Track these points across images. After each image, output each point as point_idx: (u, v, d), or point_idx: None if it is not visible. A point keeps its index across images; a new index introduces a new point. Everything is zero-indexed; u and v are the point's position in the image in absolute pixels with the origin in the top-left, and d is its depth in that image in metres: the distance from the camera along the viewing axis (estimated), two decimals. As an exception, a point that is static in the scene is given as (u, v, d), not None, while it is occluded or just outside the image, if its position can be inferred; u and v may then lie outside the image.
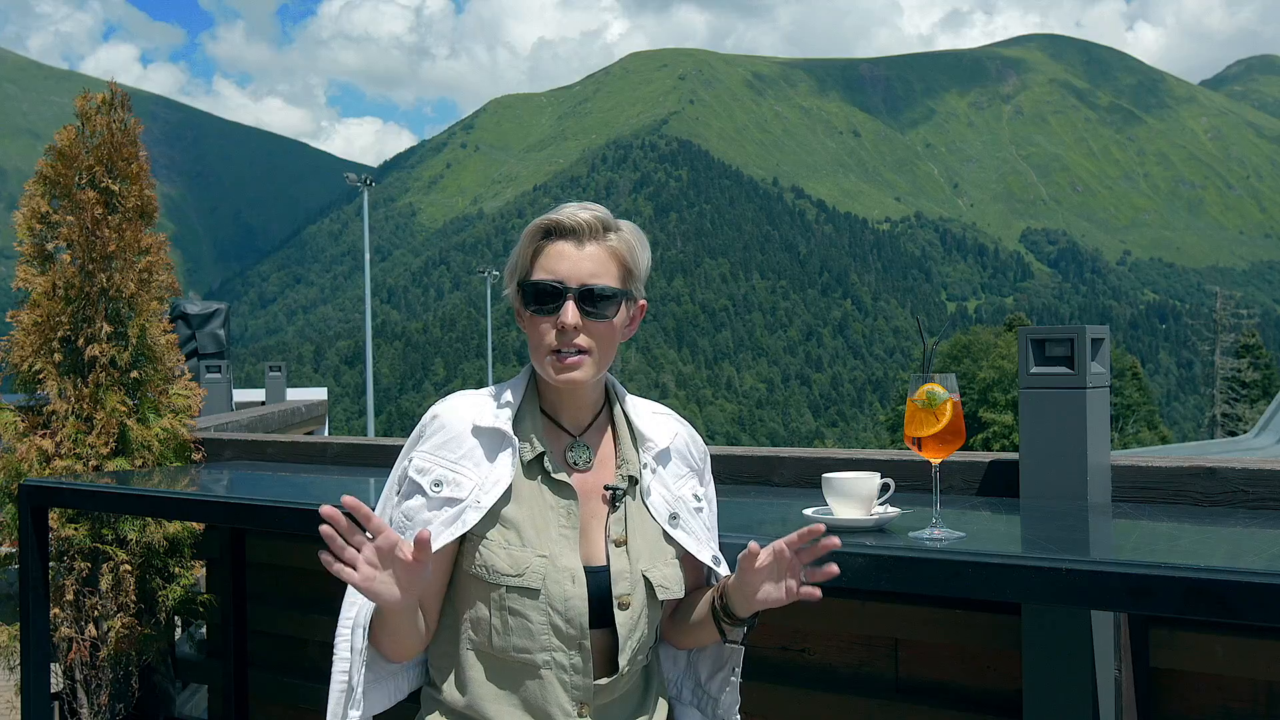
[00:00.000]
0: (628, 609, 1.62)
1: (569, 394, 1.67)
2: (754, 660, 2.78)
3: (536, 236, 1.63)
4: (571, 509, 1.63)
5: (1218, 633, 2.20)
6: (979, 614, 2.47)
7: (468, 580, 1.61)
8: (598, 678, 1.62)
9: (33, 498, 3.33)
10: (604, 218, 1.63)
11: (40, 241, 4.03)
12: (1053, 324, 13.81)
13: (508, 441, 1.63)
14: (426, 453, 1.64)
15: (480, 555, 1.60)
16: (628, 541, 1.65)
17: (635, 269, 1.66)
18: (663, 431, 1.74)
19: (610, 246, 1.63)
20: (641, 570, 1.64)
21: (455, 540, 1.60)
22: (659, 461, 1.71)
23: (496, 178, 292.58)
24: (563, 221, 1.61)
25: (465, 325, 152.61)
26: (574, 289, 1.59)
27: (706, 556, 1.69)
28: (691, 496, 1.74)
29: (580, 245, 1.61)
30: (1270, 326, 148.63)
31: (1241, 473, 2.35)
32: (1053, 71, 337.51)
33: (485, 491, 1.60)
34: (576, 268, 1.60)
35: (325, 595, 3.69)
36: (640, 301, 1.69)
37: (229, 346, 10.79)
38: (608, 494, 1.67)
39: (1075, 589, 1.69)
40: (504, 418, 1.65)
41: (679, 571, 1.68)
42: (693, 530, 1.70)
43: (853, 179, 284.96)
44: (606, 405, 1.74)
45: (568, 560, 1.60)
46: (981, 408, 48.37)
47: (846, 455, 2.81)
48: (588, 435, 1.70)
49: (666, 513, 1.68)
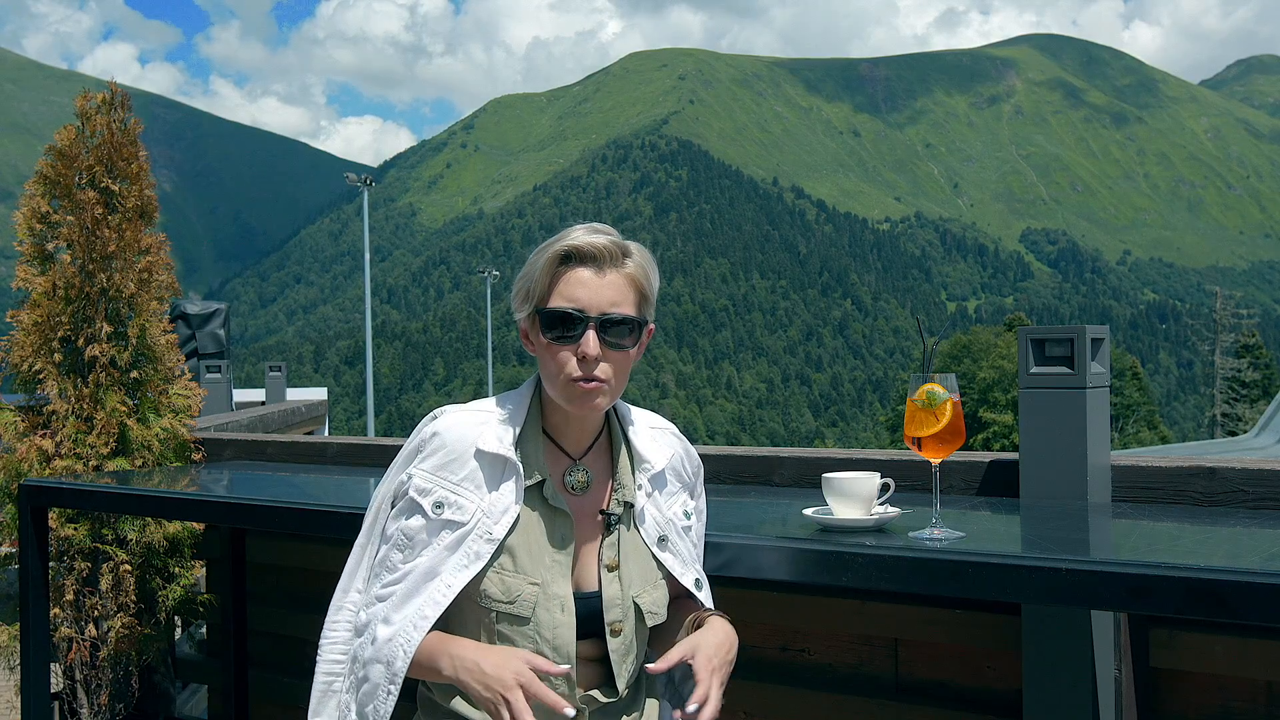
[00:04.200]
0: (619, 635, 1.64)
1: (576, 418, 1.66)
2: (754, 660, 2.78)
3: (555, 263, 1.60)
4: (567, 534, 1.64)
5: (1218, 633, 2.20)
6: (979, 614, 2.47)
7: (461, 598, 1.61)
8: (588, 689, 1.63)
9: (33, 498, 3.33)
10: (620, 243, 1.62)
11: (40, 241, 4.02)
12: (1053, 324, 13.78)
13: (511, 469, 1.62)
14: (427, 472, 1.63)
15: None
16: (620, 567, 1.66)
17: (650, 295, 1.65)
18: (660, 453, 1.73)
19: (628, 274, 1.61)
20: (633, 597, 1.65)
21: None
22: (654, 485, 1.71)
23: (496, 178, 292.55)
24: (582, 248, 1.59)
25: (465, 325, 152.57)
26: (595, 318, 1.58)
27: (689, 581, 1.71)
28: (681, 514, 1.75)
29: (601, 273, 1.59)
30: (1270, 326, 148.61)
31: (1241, 473, 2.35)
32: (1052, 71, 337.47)
33: (495, 521, 1.60)
34: (597, 296, 1.58)
35: (325, 595, 3.69)
36: (650, 325, 1.67)
37: (229, 346, 10.79)
38: (602, 519, 1.67)
39: (1075, 589, 1.69)
40: (507, 441, 1.63)
41: (665, 594, 1.70)
42: (679, 553, 1.71)
43: (853, 179, 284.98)
44: (607, 426, 1.73)
45: (559, 588, 1.61)
46: (981, 408, 48.37)
47: (846, 455, 2.81)
48: (588, 458, 1.70)
49: (656, 535, 1.69)
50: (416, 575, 1.59)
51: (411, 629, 1.57)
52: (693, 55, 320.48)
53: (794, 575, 1.99)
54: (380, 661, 1.58)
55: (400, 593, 1.60)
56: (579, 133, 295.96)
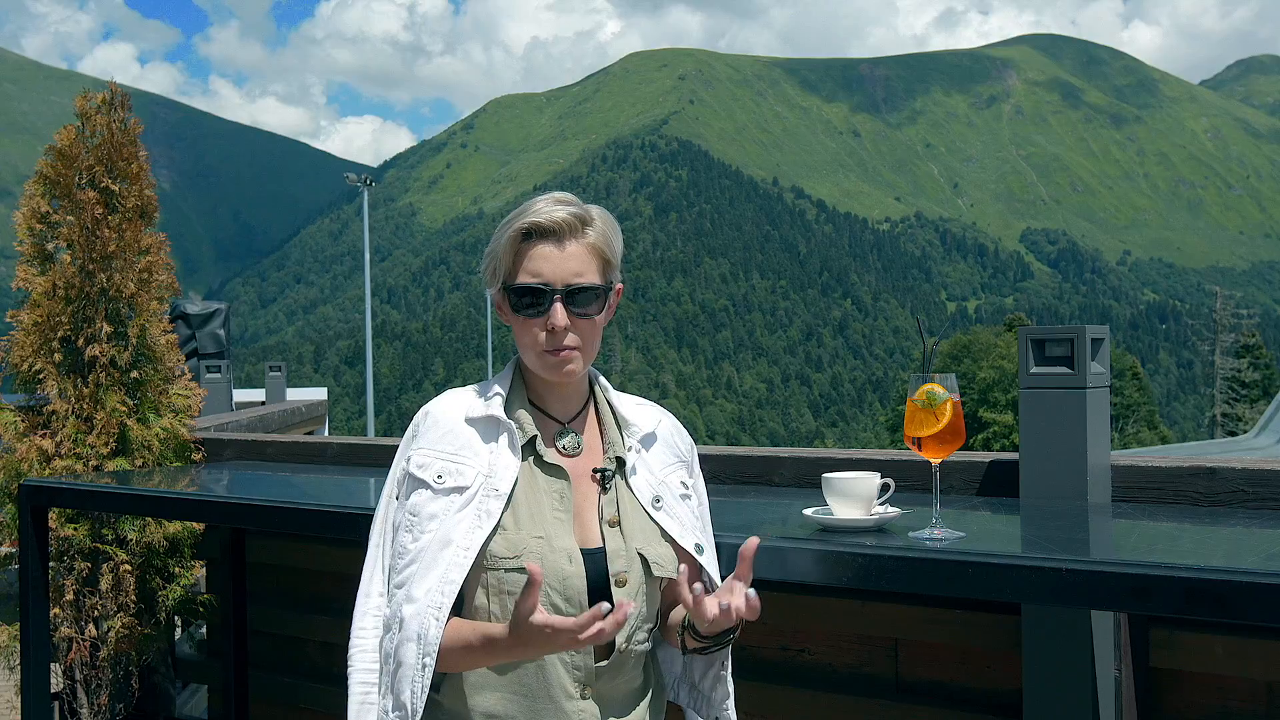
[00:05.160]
0: (625, 585, 1.63)
1: (557, 385, 1.70)
2: (754, 660, 2.78)
3: (517, 239, 1.64)
4: (565, 491, 1.65)
5: (1218, 633, 2.20)
6: (979, 614, 2.47)
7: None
8: (598, 660, 1.62)
9: (33, 498, 3.33)
10: (580, 213, 1.65)
11: (40, 241, 4.03)
12: (1053, 324, 13.78)
13: (503, 426, 1.66)
14: (424, 448, 1.66)
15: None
16: (621, 522, 1.67)
17: (613, 259, 1.69)
18: (646, 418, 1.77)
19: (589, 243, 1.65)
20: (636, 548, 1.65)
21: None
22: (644, 445, 1.74)
23: (496, 178, 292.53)
24: (541, 223, 1.62)
25: (465, 325, 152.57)
26: (560, 290, 1.62)
27: (688, 543, 1.69)
28: (679, 484, 1.75)
29: (561, 246, 1.63)
30: (1270, 326, 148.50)
31: (1241, 473, 2.35)
32: (1052, 71, 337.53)
33: (500, 479, 1.62)
34: (560, 268, 1.62)
35: (325, 595, 3.70)
36: (618, 286, 1.71)
37: (229, 346, 10.78)
38: (597, 476, 1.69)
39: (1075, 589, 1.69)
40: (495, 405, 1.67)
41: (672, 551, 1.69)
42: (676, 515, 1.71)
43: (853, 179, 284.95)
44: (590, 395, 1.77)
45: (563, 541, 1.61)
46: (981, 408, 48.36)
47: (846, 455, 2.81)
48: (575, 423, 1.73)
49: (650, 495, 1.70)
50: (432, 548, 1.59)
51: (439, 595, 1.56)
52: (693, 55, 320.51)
53: (794, 575, 1.99)
54: (411, 640, 1.55)
55: (419, 570, 1.58)
56: (579, 133, 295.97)
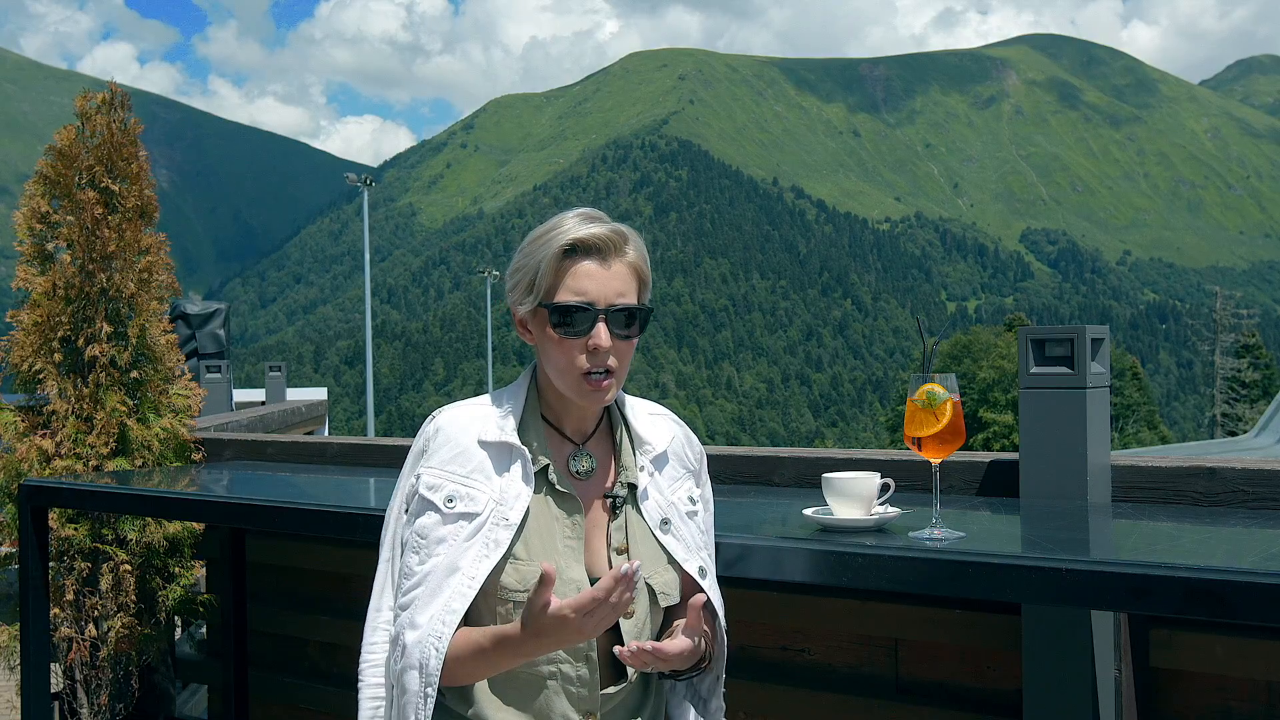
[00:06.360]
0: (632, 618, 1.63)
1: (576, 406, 1.67)
2: (754, 660, 2.78)
3: (560, 256, 1.61)
4: (577, 521, 1.63)
5: (1218, 633, 2.20)
6: (979, 614, 2.47)
7: (476, 595, 1.59)
8: (604, 687, 1.62)
9: (33, 498, 3.33)
10: (620, 230, 1.63)
11: (40, 241, 4.02)
12: (1053, 324, 13.81)
13: (517, 454, 1.63)
14: (435, 469, 1.63)
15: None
16: (629, 549, 1.65)
17: (649, 280, 1.68)
18: (660, 435, 1.74)
19: (630, 262, 1.64)
20: (645, 578, 1.64)
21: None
22: (656, 465, 1.72)
23: (496, 178, 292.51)
24: (586, 240, 1.60)
25: (465, 325, 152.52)
26: (603, 310, 1.60)
27: (692, 568, 1.68)
28: (686, 500, 1.74)
29: (605, 264, 1.61)
30: (1270, 326, 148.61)
31: (1241, 473, 2.35)
32: (1051, 71, 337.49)
33: (510, 508, 1.60)
34: (605, 287, 1.60)
35: (325, 595, 3.70)
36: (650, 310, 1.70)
37: (229, 346, 10.79)
38: (607, 502, 1.67)
39: (1075, 589, 1.69)
40: (509, 428, 1.64)
41: (676, 576, 1.68)
42: (683, 537, 1.70)
43: (853, 179, 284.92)
44: (606, 411, 1.74)
45: (573, 572, 1.60)
46: (981, 408, 48.36)
47: (846, 455, 2.81)
48: (590, 443, 1.70)
49: (659, 517, 1.68)
50: (438, 574, 1.57)
51: (440, 624, 1.54)
52: (692, 55, 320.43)
53: (794, 575, 1.99)
54: (413, 667, 1.55)
55: (423, 595, 1.57)
56: (579, 132, 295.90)
